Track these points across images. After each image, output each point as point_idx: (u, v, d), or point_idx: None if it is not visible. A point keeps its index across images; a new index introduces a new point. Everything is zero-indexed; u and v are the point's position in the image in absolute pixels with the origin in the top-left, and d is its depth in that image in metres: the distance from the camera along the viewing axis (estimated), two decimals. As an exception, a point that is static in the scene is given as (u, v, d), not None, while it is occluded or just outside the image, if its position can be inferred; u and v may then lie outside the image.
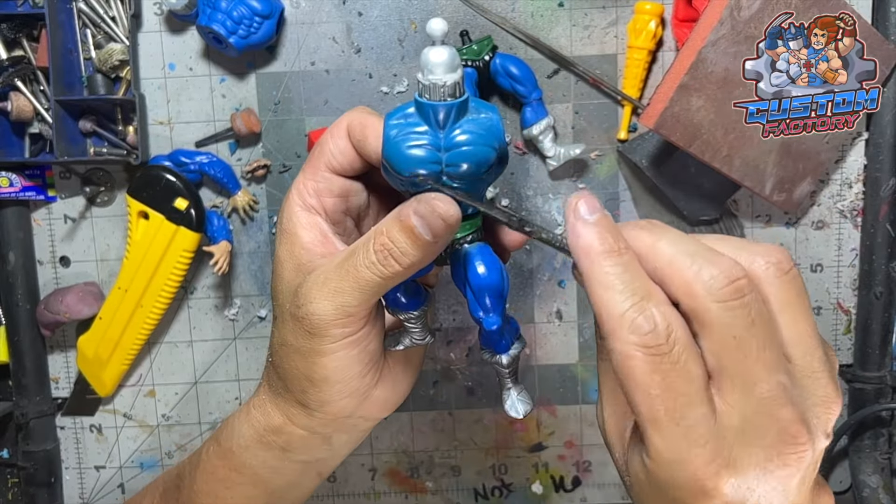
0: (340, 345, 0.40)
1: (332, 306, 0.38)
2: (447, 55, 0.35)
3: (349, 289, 0.38)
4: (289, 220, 0.43)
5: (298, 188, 0.43)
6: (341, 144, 0.42)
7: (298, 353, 0.41)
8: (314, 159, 0.43)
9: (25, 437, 0.73)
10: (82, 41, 0.68)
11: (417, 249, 0.36)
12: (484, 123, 0.36)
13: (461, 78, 0.35)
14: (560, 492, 0.76)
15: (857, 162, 0.71)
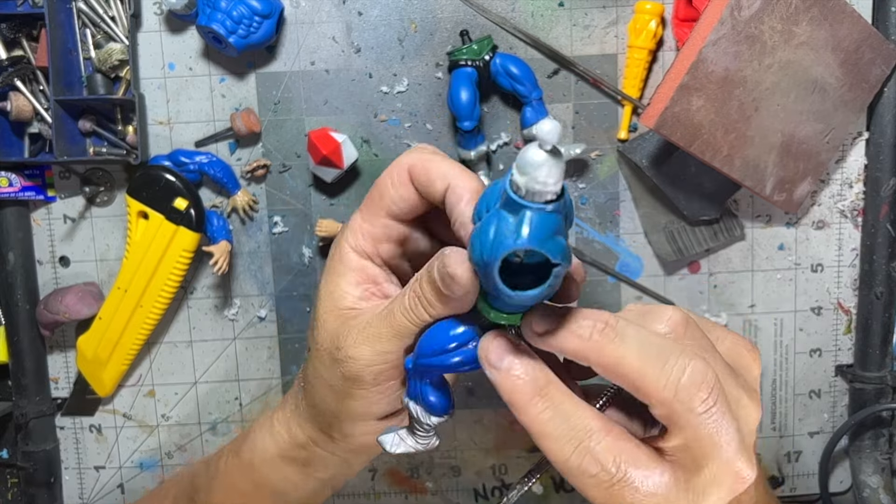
0: (374, 391, 0.40)
1: (371, 352, 0.38)
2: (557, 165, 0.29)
3: (387, 334, 0.38)
4: (339, 261, 0.42)
5: (353, 229, 0.41)
6: (402, 191, 0.40)
7: (332, 390, 0.41)
8: (372, 203, 0.41)
9: (25, 437, 0.73)
10: (82, 41, 0.68)
11: (441, 301, 0.36)
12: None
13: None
14: (560, 492, 0.76)
15: (857, 162, 0.71)
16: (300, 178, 0.71)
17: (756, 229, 0.72)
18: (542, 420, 0.34)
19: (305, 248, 0.72)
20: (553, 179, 0.28)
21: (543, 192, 0.29)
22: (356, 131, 0.70)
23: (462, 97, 0.65)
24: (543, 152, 0.28)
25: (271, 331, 0.73)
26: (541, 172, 0.28)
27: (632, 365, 0.32)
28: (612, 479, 0.32)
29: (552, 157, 0.28)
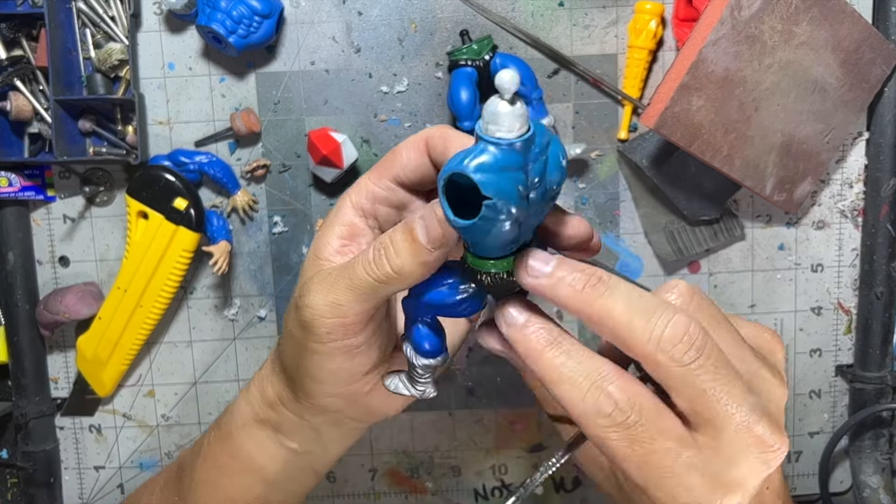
0: (330, 347, 0.39)
1: (322, 301, 0.37)
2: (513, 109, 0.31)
3: (342, 286, 0.37)
4: (335, 213, 0.42)
5: (358, 186, 0.42)
6: (414, 158, 0.40)
7: (293, 340, 0.41)
8: (382, 166, 0.41)
9: (25, 437, 0.73)
10: (81, 41, 0.68)
11: (411, 254, 0.35)
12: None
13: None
14: (560, 492, 0.76)
15: (857, 162, 0.71)
16: (300, 178, 0.71)
17: (756, 229, 0.72)
18: (556, 365, 0.33)
19: (305, 249, 0.72)
20: (513, 127, 0.30)
21: (498, 133, 0.30)
22: (356, 131, 0.70)
23: (462, 97, 0.65)
24: (504, 102, 0.30)
25: (271, 331, 0.73)
26: (502, 121, 0.30)
27: (619, 318, 0.32)
28: (628, 419, 0.32)
29: (511, 106, 0.30)
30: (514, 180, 0.30)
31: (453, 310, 0.37)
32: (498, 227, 0.31)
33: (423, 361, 0.39)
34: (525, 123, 0.31)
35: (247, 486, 0.48)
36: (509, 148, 0.30)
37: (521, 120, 0.30)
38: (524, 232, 0.33)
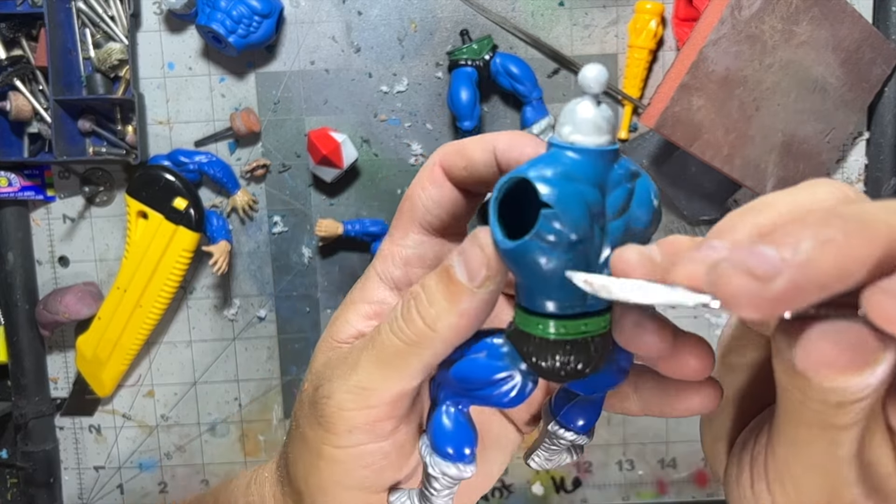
0: (352, 453, 0.29)
1: (344, 387, 0.28)
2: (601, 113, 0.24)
3: (366, 362, 0.28)
4: (359, 289, 0.32)
5: (382, 254, 0.32)
6: (435, 193, 0.30)
7: (305, 445, 0.31)
8: (402, 217, 0.32)
9: (24, 437, 0.73)
10: (81, 41, 0.68)
11: (448, 298, 0.25)
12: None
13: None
14: (560, 493, 0.76)
15: (857, 162, 0.71)
16: (300, 178, 0.71)
17: (756, 229, 0.72)
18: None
19: (305, 248, 0.72)
20: (594, 132, 0.23)
21: (572, 136, 0.24)
22: (356, 131, 0.70)
23: (462, 97, 0.65)
24: (586, 101, 0.23)
25: (271, 331, 0.73)
26: (582, 124, 0.24)
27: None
28: None
29: (595, 107, 0.24)
30: (584, 194, 0.23)
31: (490, 392, 0.26)
32: (556, 256, 0.23)
33: (440, 467, 0.28)
34: (610, 133, 0.24)
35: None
36: (585, 156, 0.23)
37: (607, 126, 0.24)
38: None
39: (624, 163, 0.25)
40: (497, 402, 0.26)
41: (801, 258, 0.17)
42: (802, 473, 0.23)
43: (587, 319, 0.24)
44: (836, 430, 0.21)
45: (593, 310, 0.24)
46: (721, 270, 0.18)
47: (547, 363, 0.24)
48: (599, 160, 0.24)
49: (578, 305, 0.24)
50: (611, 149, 0.24)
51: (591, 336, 0.24)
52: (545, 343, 0.24)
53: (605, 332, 0.25)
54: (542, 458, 0.31)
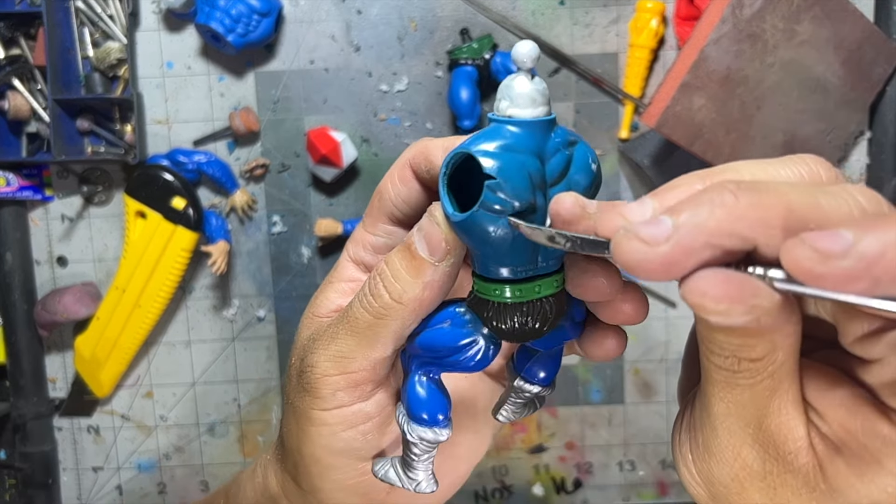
0: (338, 416, 0.32)
1: (325, 356, 0.31)
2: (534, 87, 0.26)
3: (343, 333, 0.31)
4: (334, 270, 0.36)
5: (354, 238, 0.35)
6: (402, 190, 0.32)
7: (295, 415, 0.34)
8: (373, 210, 0.34)
9: (23, 438, 0.73)
10: (80, 40, 0.67)
11: (411, 273, 0.28)
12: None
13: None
14: (561, 493, 0.76)
15: (859, 161, 0.70)
16: (299, 178, 0.71)
17: (758, 229, 0.71)
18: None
19: (304, 248, 0.72)
20: (530, 104, 0.25)
21: (509, 110, 0.25)
22: (356, 130, 0.69)
23: (462, 96, 0.65)
24: (521, 77, 0.25)
25: (270, 331, 0.73)
26: (519, 98, 0.25)
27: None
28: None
29: (529, 81, 0.25)
30: (525, 164, 0.25)
31: (457, 358, 0.28)
32: (503, 224, 0.24)
33: (417, 432, 0.30)
34: (545, 104, 0.25)
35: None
36: (523, 128, 0.25)
37: (542, 99, 0.25)
38: (542, 252, 0.26)
39: (561, 132, 0.26)
40: (464, 367, 0.28)
41: (689, 222, 0.20)
42: (711, 434, 0.25)
43: (540, 281, 0.26)
44: (740, 390, 0.23)
45: (545, 272, 0.26)
46: (618, 238, 0.20)
47: (506, 325, 0.26)
48: (537, 130, 0.25)
49: (531, 269, 0.26)
50: (547, 119, 0.25)
51: (546, 297, 0.26)
52: (503, 307, 0.26)
53: (558, 291, 0.27)
54: (508, 411, 0.33)
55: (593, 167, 0.26)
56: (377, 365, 0.31)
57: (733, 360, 0.23)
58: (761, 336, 0.22)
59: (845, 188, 0.22)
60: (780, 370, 0.23)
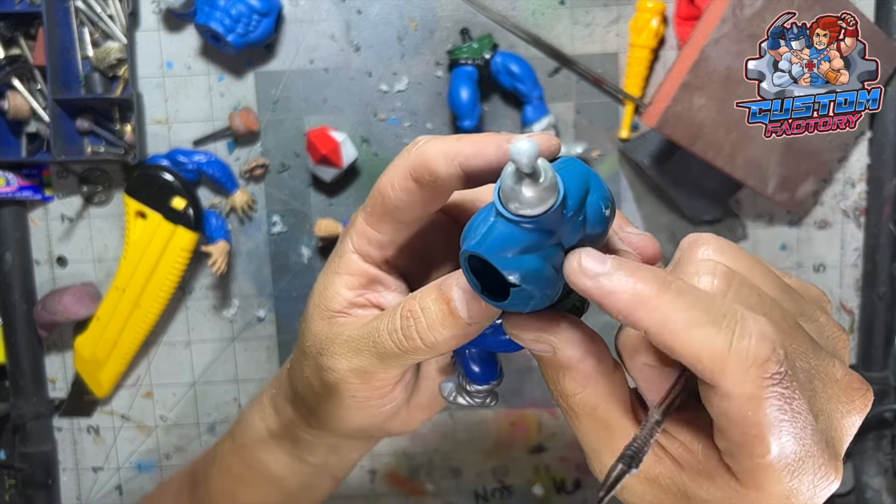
0: (352, 407, 0.36)
1: (348, 368, 0.34)
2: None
3: (368, 353, 0.33)
4: (339, 258, 0.36)
5: (357, 229, 0.35)
6: (405, 199, 0.33)
7: (312, 389, 0.38)
8: (375, 208, 0.34)
9: (22, 438, 0.73)
10: (80, 40, 0.67)
11: (448, 327, 0.30)
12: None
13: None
14: (561, 494, 0.76)
15: (860, 161, 0.70)
16: (299, 178, 0.70)
17: (758, 229, 0.71)
18: (683, 305, 0.25)
19: (304, 248, 0.71)
20: (538, 202, 0.25)
21: (520, 211, 0.25)
22: (355, 130, 0.69)
23: (462, 96, 0.65)
24: (526, 178, 0.25)
25: (270, 331, 0.73)
26: (525, 200, 0.25)
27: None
28: (781, 368, 0.24)
29: (535, 182, 0.25)
30: (544, 258, 0.26)
31: (501, 349, 0.34)
32: (536, 300, 0.27)
33: (476, 388, 0.36)
34: (553, 193, 0.25)
35: (265, 495, 0.47)
36: (537, 223, 0.25)
37: (550, 189, 0.25)
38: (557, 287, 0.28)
39: (572, 199, 0.26)
40: (509, 350, 0.33)
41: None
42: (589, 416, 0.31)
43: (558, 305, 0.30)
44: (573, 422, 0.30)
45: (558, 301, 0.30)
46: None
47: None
48: (552, 218, 0.26)
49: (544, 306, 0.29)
50: (555, 207, 0.25)
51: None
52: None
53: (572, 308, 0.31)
54: (455, 391, 0.37)
55: (606, 213, 0.28)
56: (398, 377, 0.35)
57: (555, 394, 0.30)
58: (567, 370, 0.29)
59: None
60: (604, 413, 0.29)
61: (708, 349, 0.25)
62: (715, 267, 0.28)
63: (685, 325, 0.25)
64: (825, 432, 0.27)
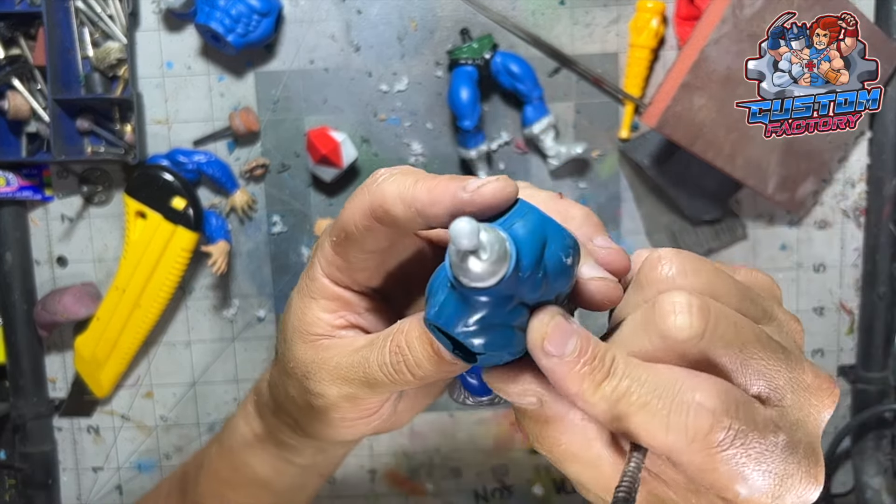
0: (340, 426, 0.36)
1: (338, 395, 0.34)
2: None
3: (358, 382, 0.33)
4: (311, 280, 0.35)
5: (327, 259, 0.34)
6: (368, 235, 0.32)
7: (296, 405, 0.38)
8: (339, 239, 0.33)
9: (23, 438, 0.73)
10: (80, 40, 0.67)
11: (433, 365, 0.31)
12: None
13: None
14: (561, 494, 0.76)
15: (860, 161, 0.70)
16: (299, 178, 0.70)
17: (758, 229, 0.71)
18: (620, 394, 0.26)
19: (304, 248, 0.71)
20: (489, 275, 0.24)
21: (471, 284, 0.25)
22: (356, 130, 0.69)
23: (462, 96, 0.65)
24: (471, 258, 0.24)
25: (270, 331, 0.73)
26: (475, 276, 0.24)
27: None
28: (731, 428, 0.25)
29: (480, 260, 0.24)
30: (506, 323, 0.26)
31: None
32: (509, 356, 0.27)
33: (478, 399, 0.37)
34: (503, 263, 0.24)
35: (254, 497, 0.48)
36: (489, 297, 0.25)
37: (498, 264, 0.24)
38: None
39: (526, 258, 0.25)
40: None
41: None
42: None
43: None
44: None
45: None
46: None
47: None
48: (506, 285, 0.25)
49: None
50: (511, 272, 0.25)
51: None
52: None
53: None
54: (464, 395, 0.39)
55: (568, 262, 0.27)
56: (387, 398, 0.36)
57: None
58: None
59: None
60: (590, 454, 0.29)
61: (648, 433, 0.26)
62: (689, 304, 0.27)
63: (628, 413, 0.26)
64: (802, 442, 0.27)
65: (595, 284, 0.29)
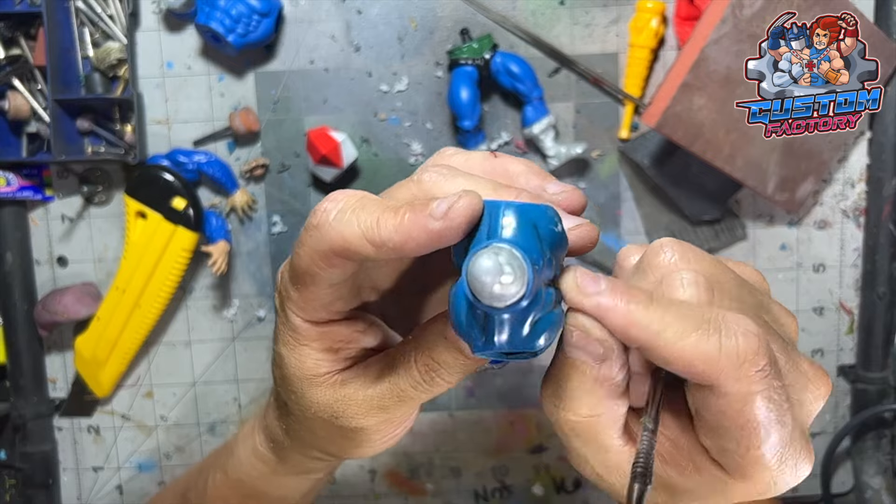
0: (381, 437, 0.37)
1: (377, 420, 0.35)
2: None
3: (394, 405, 0.34)
4: (293, 331, 0.35)
5: (299, 304, 0.34)
6: (334, 272, 0.31)
7: (325, 439, 0.38)
8: (306, 287, 0.33)
9: (23, 438, 0.73)
10: (80, 40, 0.67)
11: (467, 367, 0.32)
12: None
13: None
14: (561, 493, 0.76)
15: (859, 161, 0.70)
16: (299, 178, 0.71)
17: (758, 229, 0.72)
18: (673, 315, 0.27)
19: (305, 248, 0.71)
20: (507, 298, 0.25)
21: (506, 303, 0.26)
22: (356, 130, 0.69)
23: (462, 96, 0.65)
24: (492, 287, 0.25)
25: (270, 331, 0.73)
26: (494, 297, 0.25)
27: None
28: (766, 363, 0.26)
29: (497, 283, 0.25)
30: (549, 310, 0.28)
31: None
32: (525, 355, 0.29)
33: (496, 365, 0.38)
34: (523, 270, 0.25)
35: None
36: (526, 302, 0.26)
37: (520, 274, 0.25)
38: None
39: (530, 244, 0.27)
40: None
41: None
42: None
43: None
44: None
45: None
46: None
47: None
48: (533, 282, 0.26)
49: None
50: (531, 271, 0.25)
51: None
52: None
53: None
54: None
55: (559, 229, 0.29)
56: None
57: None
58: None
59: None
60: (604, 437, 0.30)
61: (700, 355, 0.26)
62: (695, 278, 0.29)
63: (675, 337, 0.27)
64: (799, 420, 0.29)
65: (575, 233, 0.31)
